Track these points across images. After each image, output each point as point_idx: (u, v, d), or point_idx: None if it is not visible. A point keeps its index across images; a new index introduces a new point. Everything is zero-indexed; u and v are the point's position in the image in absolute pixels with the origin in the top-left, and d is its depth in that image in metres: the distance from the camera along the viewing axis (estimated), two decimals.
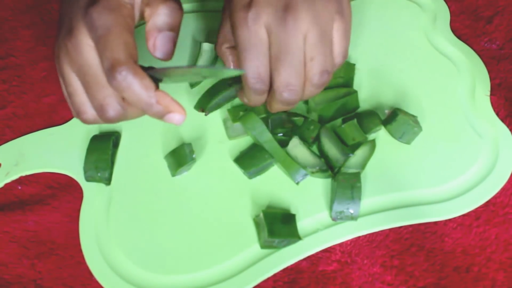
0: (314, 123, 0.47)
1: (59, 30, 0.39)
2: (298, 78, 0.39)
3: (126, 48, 0.35)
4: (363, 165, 0.46)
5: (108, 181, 0.47)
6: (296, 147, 0.46)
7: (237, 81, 0.49)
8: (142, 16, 0.40)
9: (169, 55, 0.39)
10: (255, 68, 0.39)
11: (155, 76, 0.37)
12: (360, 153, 0.46)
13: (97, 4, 0.36)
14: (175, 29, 0.39)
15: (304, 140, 0.47)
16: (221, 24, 0.45)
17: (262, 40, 0.38)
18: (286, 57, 0.38)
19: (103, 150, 0.47)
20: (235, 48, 0.40)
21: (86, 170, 0.47)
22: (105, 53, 0.35)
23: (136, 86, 0.35)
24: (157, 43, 0.38)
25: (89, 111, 0.39)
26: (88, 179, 0.47)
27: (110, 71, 0.35)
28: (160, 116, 0.37)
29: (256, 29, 0.38)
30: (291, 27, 0.37)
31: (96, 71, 0.36)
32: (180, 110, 0.37)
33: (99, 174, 0.47)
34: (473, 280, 0.42)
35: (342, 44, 0.40)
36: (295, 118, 0.48)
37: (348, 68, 0.50)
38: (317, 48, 0.38)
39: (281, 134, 0.48)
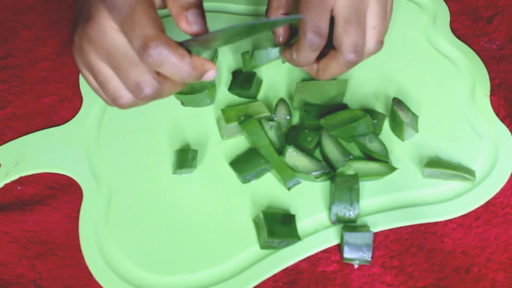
0: (311, 134, 0.47)
1: (76, 22, 0.38)
2: (363, 41, 0.42)
3: (154, 23, 0.35)
4: (367, 175, 0.46)
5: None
6: (292, 156, 0.46)
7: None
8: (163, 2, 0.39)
9: (204, 27, 0.38)
10: (317, 21, 0.41)
11: (186, 46, 0.37)
12: (374, 166, 0.46)
13: None
14: (198, 5, 0.38)
15: (302, 150, 0.46)
16: None
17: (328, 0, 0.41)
18: (356, 19, 0.41)
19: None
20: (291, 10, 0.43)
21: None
22: (134, 31, 0.34)
23: (172, 58, 0.34)
24: (190, 20, 0.37)
25: (126, 95, 0.38)
26: None
27: (143, 48, 0.34)
28: (198, 79, 0.37)
29: None
30: None
31: (125, 51, 0.36)
32: (212, 66, 0.37)
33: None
34: (473, 280, 0.42)
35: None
36: None
37: (340, 84, 0.49)
38: (379, 18, 0.43)
39: None
